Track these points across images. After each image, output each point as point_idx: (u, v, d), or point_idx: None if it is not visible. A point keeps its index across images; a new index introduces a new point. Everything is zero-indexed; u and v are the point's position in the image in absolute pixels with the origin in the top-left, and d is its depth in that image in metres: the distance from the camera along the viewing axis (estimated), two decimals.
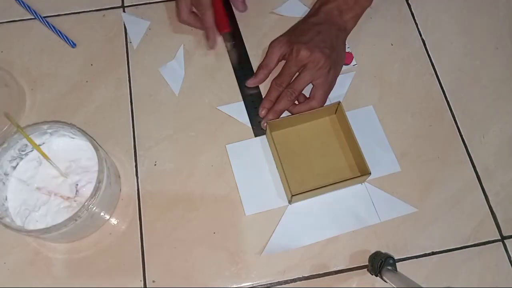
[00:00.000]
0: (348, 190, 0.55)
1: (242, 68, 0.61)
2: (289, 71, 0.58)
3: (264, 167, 0.56)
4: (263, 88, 0.60)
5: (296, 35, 0.59)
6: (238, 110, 0.59)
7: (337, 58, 0.59)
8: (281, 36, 0.61)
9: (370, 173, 0.53)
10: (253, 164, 0.56)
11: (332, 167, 0.56)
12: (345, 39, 0.61)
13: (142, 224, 0.53)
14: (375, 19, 0.65)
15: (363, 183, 0.56)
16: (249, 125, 0.58)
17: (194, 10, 0.61)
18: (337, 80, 0.59)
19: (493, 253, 0.54)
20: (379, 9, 0.65)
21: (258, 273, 0.52)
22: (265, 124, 0.57)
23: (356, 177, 0.53)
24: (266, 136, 0.57)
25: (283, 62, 0.60)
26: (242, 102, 0.60)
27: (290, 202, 0.54)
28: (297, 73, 0.58)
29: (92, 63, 0.61)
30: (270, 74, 0.60)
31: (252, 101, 0.60)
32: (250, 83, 0.60)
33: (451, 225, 0.55)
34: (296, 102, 0.59)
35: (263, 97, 0.59)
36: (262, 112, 0.58)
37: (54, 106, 0.59)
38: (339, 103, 0.57)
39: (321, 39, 0.57)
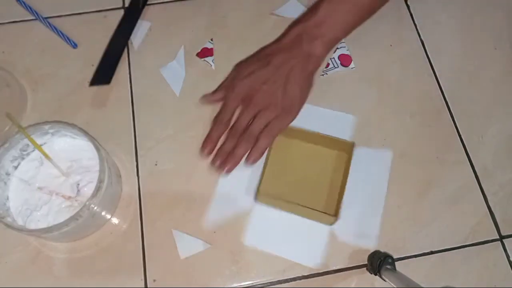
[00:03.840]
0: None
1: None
2: (229, 108, 0.56)
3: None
4: None
5: (242, 65, 0.56)
6: None
7: (284, 90, 0.54)
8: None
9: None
10: None
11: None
12: (308, 67, 0.55)
13: (143, 223, 0.53)
14: (374, 20, 0.65)
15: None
16: None
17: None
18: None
19: (491, 252, 0.54)
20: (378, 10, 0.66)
21: (258, 272, 0.52)
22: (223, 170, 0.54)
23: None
24: None
25: None
26: None
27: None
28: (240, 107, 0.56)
29: (93, 63, 0.61)
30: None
31: None
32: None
33: (449, 225, 0.55)
34: None
35: None
36: (206, 152, 0.54)
37: (55, 106, 0.59)
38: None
39: (263, 74, 0.54)
